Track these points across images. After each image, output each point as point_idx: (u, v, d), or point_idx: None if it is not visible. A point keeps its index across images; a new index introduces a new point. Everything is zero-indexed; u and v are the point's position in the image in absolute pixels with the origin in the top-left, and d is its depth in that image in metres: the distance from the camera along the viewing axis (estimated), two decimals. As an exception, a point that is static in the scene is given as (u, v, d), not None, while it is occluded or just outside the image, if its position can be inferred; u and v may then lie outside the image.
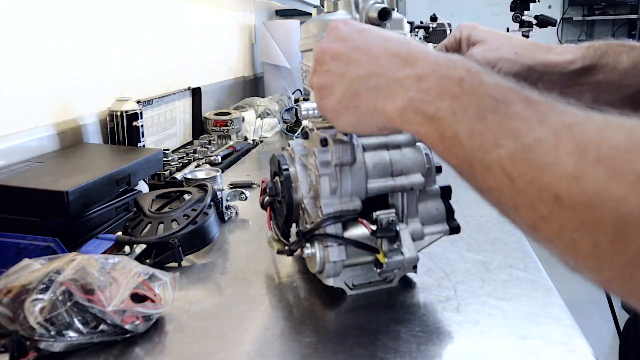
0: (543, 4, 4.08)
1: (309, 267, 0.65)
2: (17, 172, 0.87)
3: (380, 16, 0.59)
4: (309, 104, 0.61)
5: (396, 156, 0.62)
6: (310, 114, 0.61)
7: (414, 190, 0.62)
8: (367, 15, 0.61)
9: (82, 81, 1.21)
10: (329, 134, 0.60)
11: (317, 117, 0.62)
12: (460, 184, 0.38)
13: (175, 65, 1.70)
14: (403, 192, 0.62)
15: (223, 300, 0.67)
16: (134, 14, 1.46)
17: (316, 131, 0.62)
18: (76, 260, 0.58)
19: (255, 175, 1.27)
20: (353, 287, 0.66)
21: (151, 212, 0.81)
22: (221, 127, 1.71)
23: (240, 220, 0.97)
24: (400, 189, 0.61)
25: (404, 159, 0.62)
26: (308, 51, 0.66)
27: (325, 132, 0.61)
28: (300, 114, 0.62)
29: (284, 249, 0.66)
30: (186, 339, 0.58)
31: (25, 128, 1.03)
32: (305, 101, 0.63)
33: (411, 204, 0.63)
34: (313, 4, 2.28)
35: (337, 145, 0.58)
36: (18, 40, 1.03)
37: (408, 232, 0.61)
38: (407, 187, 0.61)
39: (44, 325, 0.52)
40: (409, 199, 0.63)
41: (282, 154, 0.65)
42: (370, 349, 0.55)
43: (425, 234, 0.64)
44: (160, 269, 0.64)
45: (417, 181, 0.62)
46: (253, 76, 2.51)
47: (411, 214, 0.63)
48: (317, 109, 0.56)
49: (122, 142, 1.19)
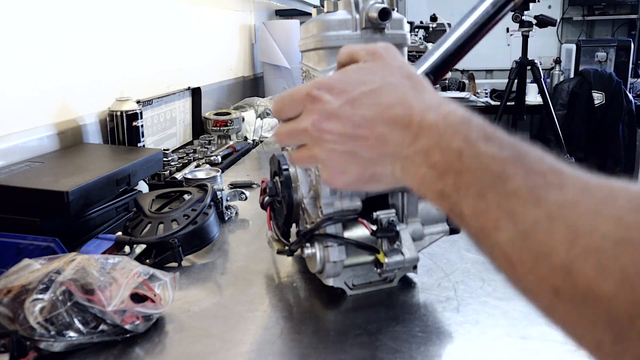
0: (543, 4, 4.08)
1: (309, 267, 0.65)
2: (17, 172, 0.87)
3: (380, 16, 0.59)
4: None
5: None
6: None
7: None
8: (367, 15, 0.60)
9: (82, 81, 1.21)
10: None
11: None
12: (460, 184, 0.38)
13: (175, 65, 1.70)
14: (403, 192, 0.62)
15: (223, 300, 0.67)
16: (134, 14, 1.46)
17: None
18: (76, 260, 0.58)
19: (255, 175, 1.27)
20: (353, 287, 0.66)
21: (151, 212, 0.81)
22: (221, 127, 1.71)
23: (240, 220, 0.97)
24: (400, 188, 0.61)
25: None
26: (308, 51, 0.66)
27: None
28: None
29: (284, 249, 0.66)
30: (186, 339, 0.58)
31: (25, 128, 1.03)
32: None
33: (411, 204, 0.63)
34: (313, 4, 2.28)
35: None
36: (18, 40, 1.03)
37: (408, 232, 0.61)
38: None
39: (44, 325, 0.52)
40: (409, 199, 0.63)
41: (282, 154, 0.65)
42: (370, 349, 0.55)
43: (425, 234, 0.64)
44: (160, 269, 0.64)
45: None
46: (253, 76, 2.51)
47: (411, 214, 0.63)
48: None
49: (122, 142, 1.19)
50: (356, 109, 0.41)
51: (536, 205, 0.30)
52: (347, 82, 0.42)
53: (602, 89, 3.45)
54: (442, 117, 0.37)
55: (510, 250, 0.30)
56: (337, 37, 0.61)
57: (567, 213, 0.28)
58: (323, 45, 0.62)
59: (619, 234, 0.26)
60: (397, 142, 0.39)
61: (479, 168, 0.33)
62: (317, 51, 0.63)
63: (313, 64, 0.65)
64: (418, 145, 0.37)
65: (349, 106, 0.41)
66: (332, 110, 0.41)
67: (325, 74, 0.62)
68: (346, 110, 0.41)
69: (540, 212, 0.29)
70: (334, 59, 0.62)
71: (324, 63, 0.62)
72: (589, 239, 0.27)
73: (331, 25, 0.61)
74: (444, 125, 0.37)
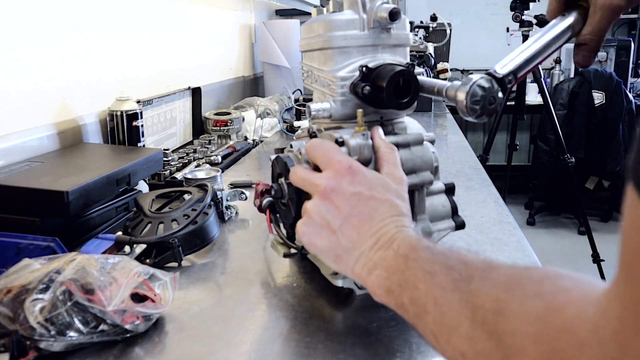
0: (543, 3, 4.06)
1: (321, 269, 0.65)
2: (17, 172, 0.87)
3: (390, 17, 0.59)
4: (319, 105, 0.61)
5: (406, 155, 0.62)
6: (320, 114, 0.61)
7: (423, 188, 0.62)
8: (375, 15, 0.60)
9: (82, 81, 1.21)
10: (343, 134, 0.59)
11: (326, 118, 0.62)
12: (460, 183, 0.38)
13: (175, 65, 1.70)
14: (413, 190, 0.62)
15: (223, 300, 0.67)
16: (134, 13, 1.46)
17: (326, 132, 0.62)
18: (76, 260, 0.58)
19: (255, 175, 1.28)
20: (361, 287, 0.65)
21: (151, 212, 0.81)
22: (221, 127, 1.71)
23: (240, 220, 0.97)
24: (411, 187, 0.61)
25: (413, 157, 0.62)
26: (312, 51, 0.66)
27: (339, 132, 0.60)
28: (308, 115, 0.62)
29: (290, 252, 0.65)
30: (186, 339, 0.58)
31: (25, 128, 1.03)
32: (311, 102, 0.63)
33: (420, 201, 0.63)
34: (313, 4, 2.28)
35: (356, 143, 0.57)
36: (18, 40, 1.03)
37: (419, 229, 0.61)
38: (418, 185, 0.61)
39: (44, 325, 0.52)
40: (419, 196, 0.63)
41: (287, 155, 0.64)
42: (371, 348, 0.55)
43: (433, 230, 0.64)
44: (160, 269, 0.64)
45: (427, 179, 0.62)
46: (253, 76, 2.51)
47: (420, 211, 0.63)
48: (326, 110, 0.60)
49: (122, 142, 1.19)
50: (361, 205, 0.50)
51: (453, 292, 0.39)
52: (368, 181, 0.52)
53: (602, 89, 3.45)
54: (401, 231, 0.49)
55: (435, 328, 0.40)
56: (344, 37, 0.61)
57: (473, 298, 0.38)
58: (330, 45, 0.62)
59: (497, 305, 0.36)
60: (368, 247, 0.49)
61: (417, 267, 0.44)
62: (324, 51, 0.63)
63: (318, 64, 0.65)
64: (383, 253, 0.48)
65: (356, 199, 0.51)
66: (345, 190, 0.51)
67: (333, 74, 0.61)
68: (353, 199, 0.51)
69: (455, 296, 0.39)
70: (341, 59, 0.62)
71: (331, 63, 0.62)
72: (483, 311, 0.36)
73: (338, 25, 0.61)
74: (401, 238, 0.48)
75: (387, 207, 0.51)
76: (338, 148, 0.56)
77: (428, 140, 0.66)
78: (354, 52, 0.62)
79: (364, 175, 0.53)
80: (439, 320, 0.40)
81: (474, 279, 0.39)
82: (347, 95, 0.61)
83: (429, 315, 0.41)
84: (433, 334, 0.40)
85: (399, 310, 0.45)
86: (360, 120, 0.58)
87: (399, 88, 0.58)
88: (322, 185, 0.52)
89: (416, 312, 0.42)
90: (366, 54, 0.62)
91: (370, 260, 0.48)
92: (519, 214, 3.89)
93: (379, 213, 0.50)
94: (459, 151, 1.54)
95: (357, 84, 0.60)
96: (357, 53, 0.62)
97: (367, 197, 0.51)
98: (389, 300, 0.46)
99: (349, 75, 0.61)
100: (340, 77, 0.61)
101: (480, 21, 4.38)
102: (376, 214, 0.50)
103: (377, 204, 0.51)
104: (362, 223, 0.50)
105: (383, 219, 0.50)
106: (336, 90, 0.61)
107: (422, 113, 2.24)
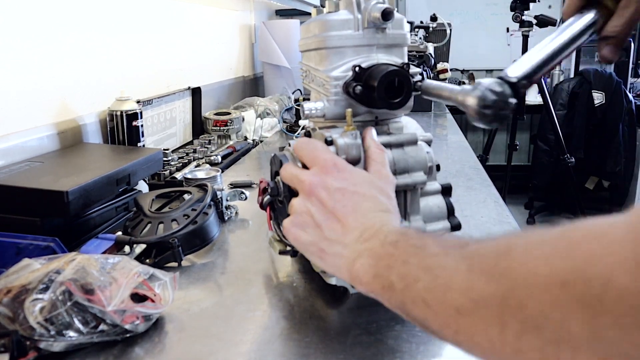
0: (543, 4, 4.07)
1: (313, 266, 0.65)
2: (17, 172, 0.87)
3: (383, 16, 0.59)
4: (312, 104, 0.61)
5: (398, 155, 0.62)
6: (313, 114, 0.61)
7: (416, 189, 0.62)
8: (369, 15, 0.60)
9: (82, 81, 1.21)
10: (333, 133, 0.59)
11: (319, 117, 0.62)
12: (460, 183, 0.38)
13: (175, 65, 1.70)
14: (406, 191, 0.62)
15: (223, 300, 0.67)
16: (134, 13, 1.46)
17: (319, 130, 0.62)
18: (76, 260, 0.58)
19: (255, 175, 1.28)
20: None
21: (151, 212, 0.81)
22: (221, 127, 1.71)
23: (240, 220, 0.97)
24: (403, 187, 0.61)
25: (406, 158, 0.62)
26: (309, 51, 0.66)
27: (330, 131, 0.60)
28: (302, 114, 0.62)
29: (286, 249, 0.66)
30: (186, 339, 0.58)
31: (25, 128, 1.03)
32: (306, 101, 0.63)
33: (414, 202, 0.63)
34: (313, 4, 2.28)
35: (344, 142, 0.57)
36: (18, 40, 1.03)
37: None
38: (410, 186, 0.61)
39: (44, 325, 0.52)
40: (412, 197, 0.63)
41: (283, 154, 0.65)
42: (371, 348, 0.55)
43: (427, 231, 0.64)
44: (160, 268, 0.64)
45: (420, 179, 0.62)
46: (253, 76, 2.51)
47: (414, 212, 0.63)
48: (320, 109, 0.60)
49: (122, 142, 1.19)
50: (346, 200, 0.50)
51: (446, 256, 0.38)
52: (352, 177, 0.52)
53: (602, 89, 3.45)
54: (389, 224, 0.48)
55: (426, 293, 0.38)
56: (339, 37, 0.61)
57: (471, 258, 0.36)
58: (325, 45, 0.62)
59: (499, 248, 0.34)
60: (352, 239, 0.48)
61: (407, 245, 0.43)
62: (319, 51, 0.63)
63: (314, 64, 0.65)
64: (368, 244, 0.47)
65: (340, 194, 0.51)
66: (329, 185, 0.51)
67: (327, 74, 0.62)
68: (337, 194, 0.51)
69: (448, 259, 0.38)
70: (336, 59, 0.63)
71: (326, 63, 0.62)
72: (481, 261, 0.35)
73: (333, 25, 0.61)
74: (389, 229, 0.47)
75: (371, 202, 0.51)
76: (325, 146, 0.56)
77: (424, 140, 0.66)
78: (348, 52, 0.62)
79: (349, 172, 0.53)
80: (431, 284, 0.38)
81: (470, 244, 0.38)
82: (340, 95, 0.61)
83: (420, 283, 0.39)
84: (424, 300, 0.38)
85: (385, 293, 0.43)
86: (349, 119, 0.58)
87: (392, 88, 0.58)
88: (307, 181, 0.53)
89: (405, 285, 0.40)
90: (361, 54, 0.62)
91: (354, 251, 0.48)
92: (519, 214, 3.90)
93: (364, 207, 0.50)
94: (459, 151, 1.54)
95: (349, 84, 0.60)
96: (351, 53, 0.62)
97: (352, 192, 0.51)
98: (374, 287, 0.44)
99: (343, 75, 0.61)
100: (333, 77, 0.61)
101: (480, 21, 4.38)
102: (360, 208, 0.50)
103: (361, 199, 0.51)
104: (346, 216, 0.50)
105: (367, 213, 0.50)
106: (330, 90, 0.61)
107: (422, 113, 2.24)
